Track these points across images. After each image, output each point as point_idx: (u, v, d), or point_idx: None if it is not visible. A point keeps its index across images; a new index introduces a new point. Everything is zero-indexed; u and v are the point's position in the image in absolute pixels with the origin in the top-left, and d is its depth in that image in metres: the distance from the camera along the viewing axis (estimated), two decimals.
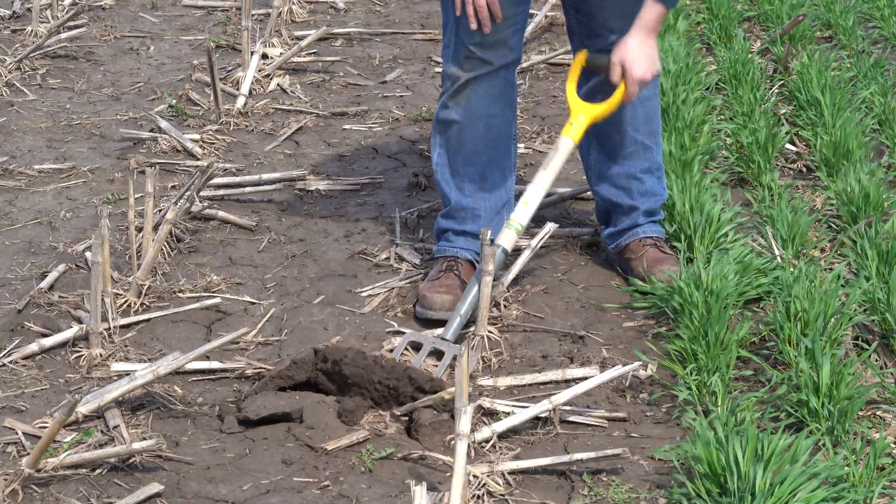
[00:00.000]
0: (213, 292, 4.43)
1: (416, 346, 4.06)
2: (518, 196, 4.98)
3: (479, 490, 3.40)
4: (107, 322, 4.12)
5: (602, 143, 4.50)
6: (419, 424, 3.65)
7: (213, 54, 5.72)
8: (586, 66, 4.32)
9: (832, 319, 3.99)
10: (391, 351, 4.04)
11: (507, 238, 4.18)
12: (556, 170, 4.22)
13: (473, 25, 4.14)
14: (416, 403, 3.68)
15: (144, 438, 3.57)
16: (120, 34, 7.06)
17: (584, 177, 4.77)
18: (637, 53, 4.10)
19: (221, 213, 4.97)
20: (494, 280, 4.37)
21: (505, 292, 4.31)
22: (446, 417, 3.66)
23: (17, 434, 3.63)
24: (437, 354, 4.01)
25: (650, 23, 4.09)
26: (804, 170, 5.42)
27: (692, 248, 4.53)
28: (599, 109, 4.27)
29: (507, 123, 4.40)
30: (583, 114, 4.25)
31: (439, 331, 4.11)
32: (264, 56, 6.50)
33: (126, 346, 4.09)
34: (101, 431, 3.64)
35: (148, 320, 4.25)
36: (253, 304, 4.39)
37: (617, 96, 4.22)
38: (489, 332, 4.09)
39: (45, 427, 3.60)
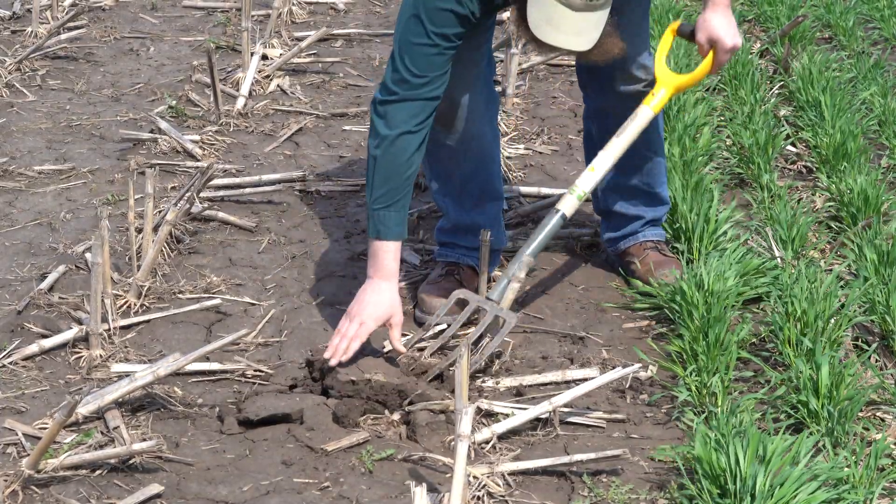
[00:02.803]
0: (213, 293, 4.43)
1: (462, 304, 4.01)
2: (513, 199, 4.99)
3: (479, 491, 3.40)
4: (107, 323, 4.12)
5: None
6: (416, 425, 3.65)
7: (212, 55, 5.72)
8: (678, 35, 4.30)
9: (832, 320, 4.00)
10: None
11: (569, 204, 4.03)
12: (630, 138, 4.12)
13: (328, 354, 3.78)
14: (438, 404, 3.72)
15: (144, 439, 3.57)
16: (120, 35, 7.06)
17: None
18: (723, 26, 4.14)
19: (221, 214, 4.97)
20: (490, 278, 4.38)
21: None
22: (443, 418, 3.67)
23: (17, 435, 3.63)
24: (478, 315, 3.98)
25: None
26: (804, 171, 5.42)
27: (692, 249, 4.53)
28: (683, 80, 4.22)
29: (495, 134, 4.40)
30: (665, 86, 4.18)
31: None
32: (264, 57, 6.50)
33: (126, 347, 4.09)
34: (102, 432, 3.63)
35: (148, 321, 4.25)
36: (253, 305, 4.39)
37: (703, 69, 4.20)
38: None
39: (45, 428, 3.60)
